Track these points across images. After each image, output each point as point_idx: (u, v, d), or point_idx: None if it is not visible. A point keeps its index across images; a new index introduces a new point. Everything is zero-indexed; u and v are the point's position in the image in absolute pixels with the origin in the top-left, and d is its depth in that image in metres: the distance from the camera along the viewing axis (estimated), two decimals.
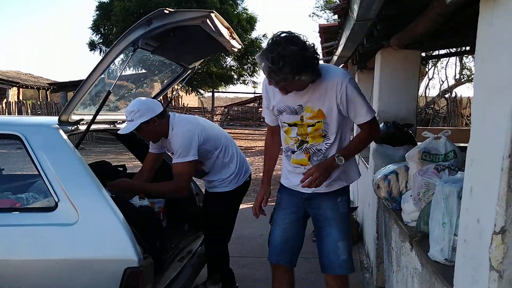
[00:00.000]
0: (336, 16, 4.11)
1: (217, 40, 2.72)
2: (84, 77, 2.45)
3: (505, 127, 1.07)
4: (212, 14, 2.38)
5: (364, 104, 2.19)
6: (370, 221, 3.87)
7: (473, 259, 1.24)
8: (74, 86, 21.35)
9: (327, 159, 2.22)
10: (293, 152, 2.33)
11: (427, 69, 19.81)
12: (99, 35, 19.73)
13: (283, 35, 1.97)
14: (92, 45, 19.89)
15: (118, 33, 17.63)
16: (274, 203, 2.59)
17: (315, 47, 2.04)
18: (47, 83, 24.54)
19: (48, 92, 24.54)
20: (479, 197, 1.23)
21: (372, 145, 3.41)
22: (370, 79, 4.73)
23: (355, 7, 2.33)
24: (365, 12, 2.35)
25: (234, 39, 2.91)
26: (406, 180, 2.40)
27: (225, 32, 2.68)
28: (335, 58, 4.94)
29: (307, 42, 1.99)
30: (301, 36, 2.00)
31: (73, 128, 2.59)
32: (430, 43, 3.80)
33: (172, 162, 2.83)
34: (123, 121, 3.31)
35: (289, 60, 1.90)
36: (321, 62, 2.23)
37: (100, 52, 19.91)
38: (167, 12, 2.25)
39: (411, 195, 2.14)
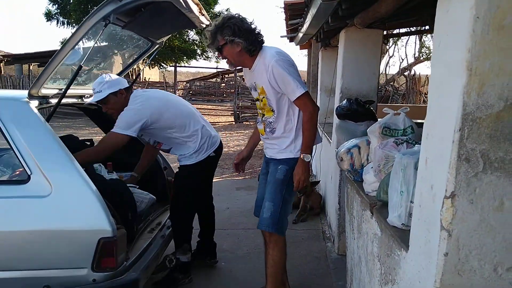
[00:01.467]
0: None
1: (187, 16, 2.76)
2: (42, 49, 2.45)
3: (456, 104, 1.21)
4: None
5: (292, 82, 2.46)
6: (332, 193, 4.05)
7: (426, 221, 1.39)
8: (30, 58, 20.56)
9: (298, 161, 2.59)
10: (258, 122, 2.80)
11: (387, 47, 20.21)
12: (56, 5, 18.98)
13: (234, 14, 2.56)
14: (49, 16, 19.13)
15: (76, 4, 17.05)
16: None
17: (256, 28, 2.54)
18: (1, 55, 23.45)
19: (1, 64, 23.47)
20: (433, 167, 1.38)
21: (335, 120, 3.56)
22: (334, 56, 4.86)
23: None
24: None
25: (203, 15, 2.96)
26: (367, 153, 2.54)
27: (195, 8, 2.72)
28: (300, 35, 5.03)
29: (250, 22, 2.53)
30: (248, 19, 2.53)
31: (42, 101, 2.59)
32: (391, 22, 3.95)
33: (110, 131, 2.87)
34: (90, 96, 3.31)
35: (229, 23, 2.44)
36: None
37: (57, 22, 19.22)
38: None
39: (371, 167, 2.29)
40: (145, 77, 20.71)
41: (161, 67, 22.33)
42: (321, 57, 6.08)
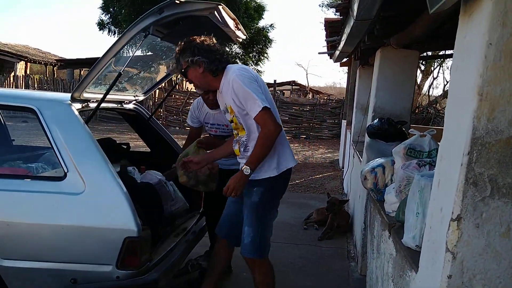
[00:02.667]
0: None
1: (223, 30, 2.87)
2: (92, 56, 2.61)
3: (466, 128, 1.23)
4: (220, 7, 2.52)
5: (250, 98, 2.35)
6: (359, 212, 4.03)
7: (434, 243, 1.41)
8: (81, 64, 21.48)
9: (238, 172, 2.48)
10: (234, 143, 2.69)
11: (432, 68, 19.82)
12: (108, 15, 19.80)
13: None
14: (101, 25, 19.96)
15: (127, 14, 17.71)
16: None
17: (219, 49, 2.52)
18: (55, 59, 24.65)
19: (55, 68, 24.67)
20: (444, 189, 1.39)
21: (366, 139, 3.56)
22: (371, 75, 4.85)
23: (355, 7, 2.47)
24: (364, 12, 2.49)
25: (240, 30, 3.06)
26: (392, 173, 2.55)
27: (231, 23, 2.82)
28: (337, 52, 5.07)
29: (213, 43, 2.52)
30: (210, 39, 2.52)
31: (84, 105, 2.75)
32: (431, 43, 3.93)
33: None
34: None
35: (188, 46, 2.46)
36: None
37: (109, 32, 19.99)
38: (178, 2, 2.39)
39: (393, 187, 2.30)
40: (187, 87, 21.17)
41: None
42: (359, 75, 6.09)
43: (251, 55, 21.00)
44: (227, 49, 19.65)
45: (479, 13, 1.21)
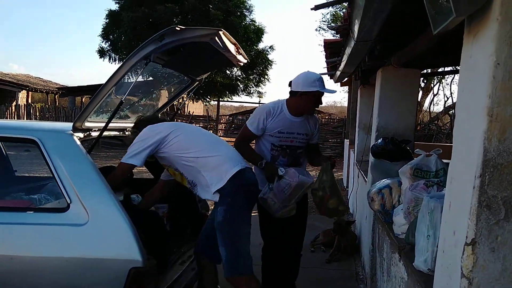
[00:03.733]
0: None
1: (225, 55, 2.87)
2: (93, 83, 2.62)
3: (477, 149, 1.20)
4: (220, 32, 2.53)
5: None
6: (367, 233, 3.97)
7: (448, 267, 1.37)
8: (82, 91, 21.63)
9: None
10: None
11: (432, 85, 19.91)
12: (108, 42, 20.01)
13: None
14: (102, 52, 20.15)
15: (126, 41, 17.90)
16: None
17: None
18: (56, 87, 24.84)
19: (56, 96, 24.84)
20: (456, 211, 1.36)
21: (371, 159, 3.54)
22: (372, 94, 4.85)
23: (355, 29, 2.47)
24: (365, 34, 2.49)
25: (241, 54, 3.06)
26: (399, 194, 2.51)
27: (232, 48, 2.83)
28: (338, 73, 5.09)
29: None
30: None
31: (86, 134, 2.73)
32: (431, 60, 3.93)
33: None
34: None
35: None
36: None
37: (110, 59, 20.17)
38: (179, 29, 2.40)
39: (402, 209, 2.26)
40: (189, 111, 21.25)
41: (204, 101, 22.93)
42: (360, 94, 6.09)
43: (251, 77, 21.14)
44: (228, 72, 19.83)
45: (485, 33, 1.20)
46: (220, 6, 17.95)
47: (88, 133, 2.78)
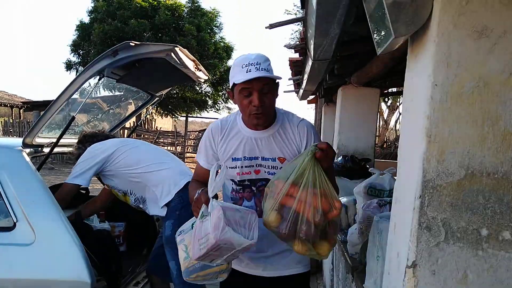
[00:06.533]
0: None
1: (183, 71, 2.84)
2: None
3: (417, 171, 1.20)
4: (177, 48, 2.50)
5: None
6: None
7: None
8: (48, 105, 21.11)
9: None
10: None
11: (398, 103, 20.36)
12: (77, 55, 19.70)
13: None
14: (69, 65, 19.80)
15: (95, 55, 17.66)
16: None
17: None
18: (21, 102, 24.17)
19: (21, 110, 24.16)
20: (399, 233, 1.35)
21: None
22: (335, 112, 4.91)
23: (311, 48, 2.48)
24: (320, 53, 2.50)
25: (200, 70, 3.03)
26: (354, 213, 2.51)
27: (190, 64, 2.80)
28: (301, 91, 5.12)
29: None
30: None
31: (36, 150, 2.64)
32: (391, 80, 4.00)
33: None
34: None
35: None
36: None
37: (76, 72, 19.82)
38: (133, 44, 2.36)
39: (355, 228, 2.25)
40: (156, 126, 21.01)
41: (173, 116, 22.77)
42: (324, 112, 6.16)
43: (220, 93, 21.16)
44: (197, 88, 19.79)
45: (424, 53, 1.20)
46: (192, 20, 17.94)
47: (39, 148, 2.68)
